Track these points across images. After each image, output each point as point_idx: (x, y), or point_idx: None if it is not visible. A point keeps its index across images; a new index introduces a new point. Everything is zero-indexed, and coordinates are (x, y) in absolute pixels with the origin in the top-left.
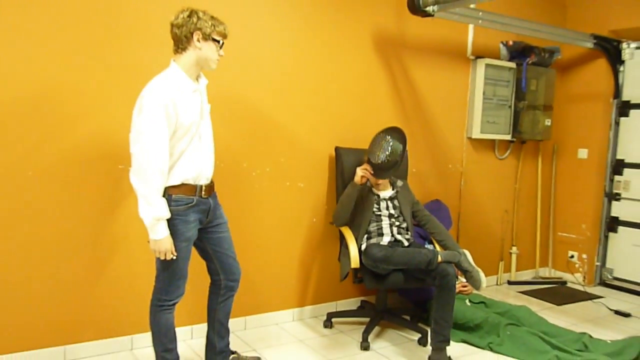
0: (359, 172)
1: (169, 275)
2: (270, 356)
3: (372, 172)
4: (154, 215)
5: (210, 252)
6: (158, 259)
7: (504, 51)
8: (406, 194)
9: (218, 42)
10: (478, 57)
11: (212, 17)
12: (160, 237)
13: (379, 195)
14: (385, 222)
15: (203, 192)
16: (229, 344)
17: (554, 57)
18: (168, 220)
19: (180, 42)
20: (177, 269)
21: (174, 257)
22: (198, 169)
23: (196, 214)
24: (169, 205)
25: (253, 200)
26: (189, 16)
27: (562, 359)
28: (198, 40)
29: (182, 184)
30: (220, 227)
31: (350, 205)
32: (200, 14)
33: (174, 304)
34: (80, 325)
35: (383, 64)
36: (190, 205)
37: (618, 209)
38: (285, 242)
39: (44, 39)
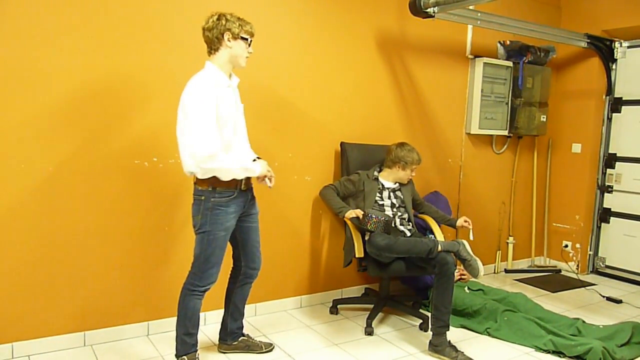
0: (351, 215)
1: (204, 261)
2: (279, 341)
3: (360, 218)
4: (239, 173)
5: (237, 239)
6: (197, 246)
7: (501, 50)
8: (408, 186)
9: (246, 40)
10: (476, 56)
11: (239, 18)
12: (258, 171)
13: (383, 185)
14: (388, 213)
15: (242, 185)
16: (242, 327)
17: (549, 56)
18: (211, 210)
19: (213, 44)
20: (212, 256)
21: (270, 182)
22: (239, 164)
23: (236, 206)
24: (213, 197)
25: (262, 192)
26: (218, 19)
27: (556, 343)
28: (229, 40)
29: None
30: (252, 218)
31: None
32: (228, 16)
33: (204, 291)
34: (99, 312)
35: (386, 63)
36: (231, 197)
37: (610, 201)
38: (292, 232)
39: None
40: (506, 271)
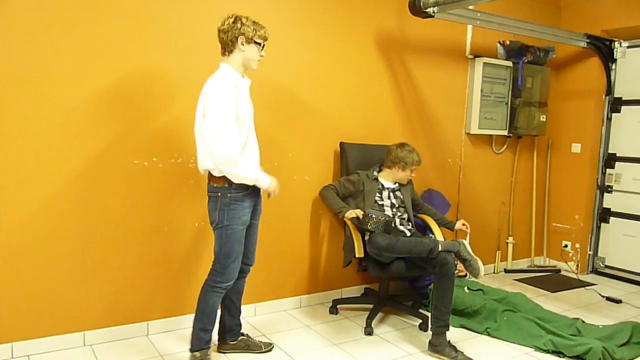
0: (351, 215)
1: (225, 256)
2: (279, 340)
3: (361, 218)
4: (249, 182)
5: None
6: (216, 243)
7: (501, 50)
8: (408, 187)
9: (259, 44)
10: (476, 56)
11: (254, 22)
12: (266, 184)
13: (382, 185)
14: (388, 213)
15: None
16: (240, 325)
17: (549, 56)
18: (228, 205)
19: (227, 45)
20: (232, 250)
21: (270, 196)
22: (254, 160)
23: (250, 200)
24: (230, 192)
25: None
26: (234, 22)
27: (556, 343)
28: (242, 44)
29: None
30: (255, 214)
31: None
32: (244, 20)
33: (226, 288)
34: (99, 312)
35: (386, 63)
36: (246, 192)
37: (610, 201)
38: (292, 232)
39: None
40: (506, 271)
